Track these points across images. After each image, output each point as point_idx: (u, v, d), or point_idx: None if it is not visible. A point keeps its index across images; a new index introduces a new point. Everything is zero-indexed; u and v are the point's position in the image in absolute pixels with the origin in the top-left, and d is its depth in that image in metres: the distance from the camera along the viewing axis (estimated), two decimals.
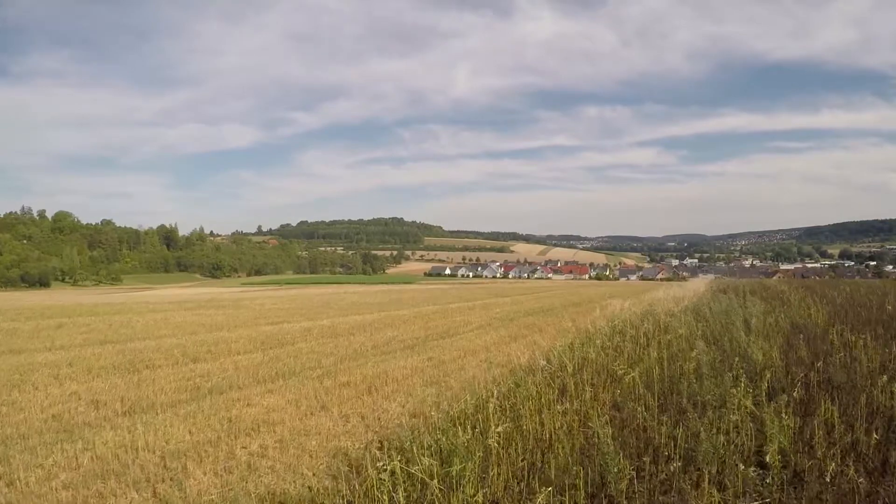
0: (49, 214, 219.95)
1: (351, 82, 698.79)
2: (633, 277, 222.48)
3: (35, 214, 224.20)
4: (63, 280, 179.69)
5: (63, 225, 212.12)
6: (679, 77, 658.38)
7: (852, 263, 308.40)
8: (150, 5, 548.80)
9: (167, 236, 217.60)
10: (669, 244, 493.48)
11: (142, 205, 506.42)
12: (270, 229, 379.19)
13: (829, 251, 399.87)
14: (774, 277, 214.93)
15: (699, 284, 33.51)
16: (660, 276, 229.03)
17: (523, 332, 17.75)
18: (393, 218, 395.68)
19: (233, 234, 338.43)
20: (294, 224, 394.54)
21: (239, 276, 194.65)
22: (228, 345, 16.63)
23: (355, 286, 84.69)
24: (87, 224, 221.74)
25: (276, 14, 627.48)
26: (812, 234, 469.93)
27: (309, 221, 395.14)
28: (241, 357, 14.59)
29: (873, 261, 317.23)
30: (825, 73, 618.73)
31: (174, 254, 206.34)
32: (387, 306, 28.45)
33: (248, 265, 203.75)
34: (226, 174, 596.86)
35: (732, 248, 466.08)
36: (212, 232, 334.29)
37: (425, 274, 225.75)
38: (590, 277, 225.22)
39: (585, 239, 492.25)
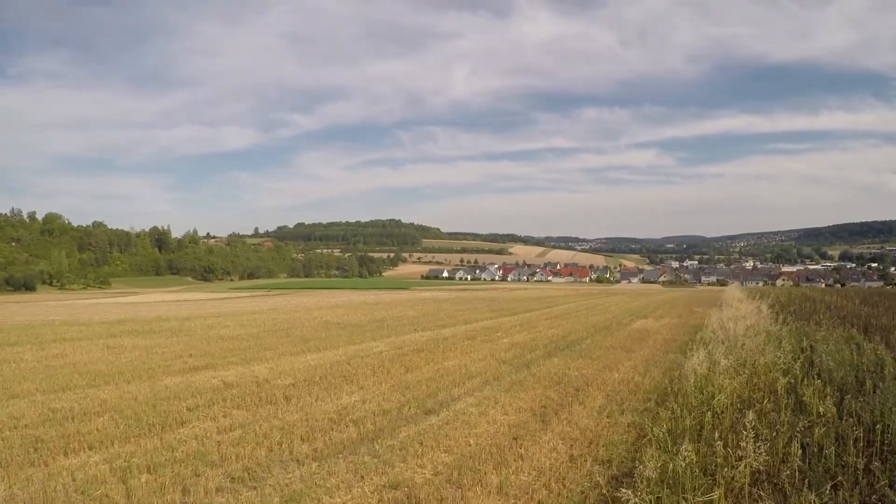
0: (47, 217, 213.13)
1: (349, 84, 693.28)
2: (635, 280, 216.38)
3: (25, 216, 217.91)
4: (50, 283, 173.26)
5: (53, 227, 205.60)
6: (678, 78, 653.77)
7: (853, 265, 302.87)
8: (148, 6, 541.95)
9: (159, 238, 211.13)
10: (668, 246, 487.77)
11: (140, 207, 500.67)
12: (267, 231, 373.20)
13: (830, 253, 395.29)
14: (778, 280, 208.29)
15: (749, 304, 27.03)
16: (661, 278, 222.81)
17: (551, 396, 11.35)
18: (391, 220, 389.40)
19: (229, 235, 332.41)
20: (291, 226, 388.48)
21: (231, 280, 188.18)
22: (83, 421, 10.28)
23: (344, 293, 78.18)
24: (79, 226, 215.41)
25: (275, 15, 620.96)
26: (811, 235, 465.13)
27: (306, 223, 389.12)
28: (69, 462, 8.22)
29: (874, 262, 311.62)
30: (824, 75, 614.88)
31: (165, 256, 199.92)
32: (361, 333, 22.05)
33: (241, 268, 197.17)
34: (224, 176, 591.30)
35: (731, 249, 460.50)
36: (208, 234, 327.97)
37: (422, 277, 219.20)
38: (590, 280, 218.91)
39: (584, 240, 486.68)
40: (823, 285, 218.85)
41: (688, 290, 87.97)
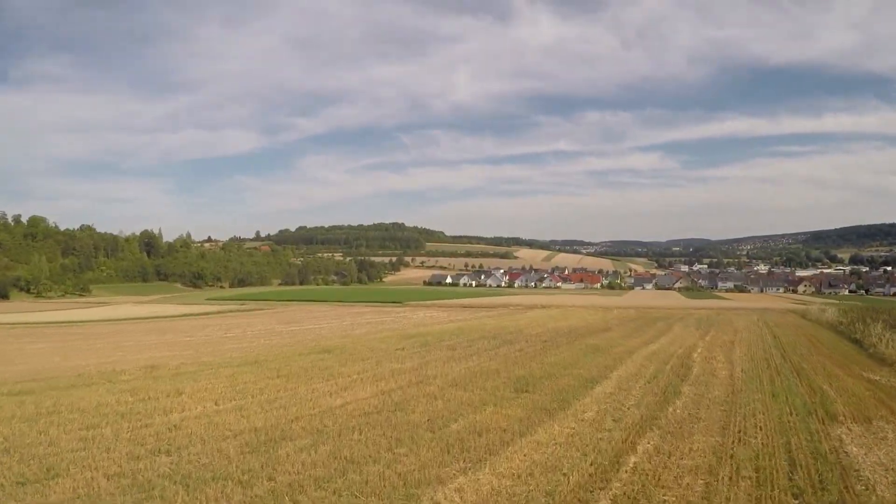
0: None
1: (352, 87, 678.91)
2: (649, 286, 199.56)
3: (10, 219, 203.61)
4: (27, 290, 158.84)
5: (36, 230, 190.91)
6: (680, 81, 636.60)
7: (866, 269, 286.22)
8: (150, 10, 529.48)
9: (148, 242, 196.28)
10: (674, 249, 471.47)
11: (143, 211, 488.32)
12: (269, 234, 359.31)
13: (839, 255, 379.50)
14: (800, 286, 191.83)
15: None
16: (677, 284, 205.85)
17: None
18: (394, 223, 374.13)
19: (230, 239, 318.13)
20: (293, 229, 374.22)
21: (221, 287, 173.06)
22: None
23: (320, 312, 62.85)
24: (66, 230, 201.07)
25: (277, 18, 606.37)
26: (818, 238, 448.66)
27: (308, 227, 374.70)
28: None
29: (888, 265, 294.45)
30: (827, 77, 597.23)
31: (154, 262, 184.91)
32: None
33: (233, 274, 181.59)
34: (227, 180, 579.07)
35: (738, 252, 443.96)
36: (209, 238, 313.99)
37: (425, 283, 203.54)
38: (601, 286, 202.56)
39: (589, 244, 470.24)
40: (846, 291, 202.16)
41: (741, 310, 70.97)
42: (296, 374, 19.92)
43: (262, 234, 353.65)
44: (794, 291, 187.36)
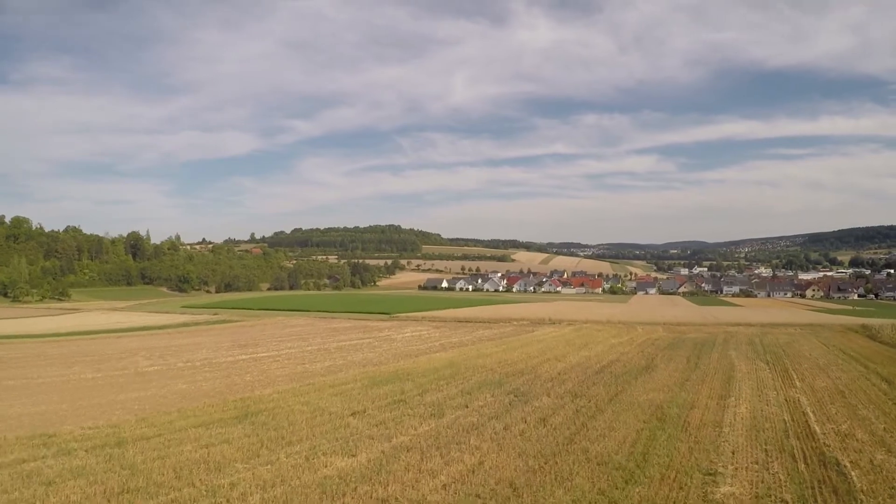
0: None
1: (349, 90, 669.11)
2: (652, 291, 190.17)
3: None
4: (5, 295, 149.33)
5: (19, 232, 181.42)
6: (677, 84, 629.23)
7: (868, 272, 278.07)
8: (149, 13, 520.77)
9: (134, 245, 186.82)
10: (672, 251, 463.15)
11: (142, 212, 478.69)
12: (264, 236, 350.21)
13: (839, 258, 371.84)
14: (808, 290, 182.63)
15: None
16: (681, 289, 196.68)
17: None
18: (390, 225, 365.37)
19: (224, 241, 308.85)
20: (288, 231, 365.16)
21: (207, 291, 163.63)
22: None
23: (293, 325, 53.63)
24: (51, 231, 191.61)
25: (275, 21, 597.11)
26: (816, 240, 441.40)
27: (303, 229, 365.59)
28: None
29: (890, 268, 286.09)
30: (823, 80, 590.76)
31: (139, 265, 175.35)
32: None
33: (220, 278, 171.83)
34: (225, 181, 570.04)
35: (736, 255, 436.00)
36: (203, 239, 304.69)
37: (419, 287, 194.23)
38: (603, 290, 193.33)
39: (586, 246, 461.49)
40: (856, 296, 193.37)
41: (785, 326, 59.83)
42: (156, 486, 11.00)
43: (259, 237, 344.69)
44: (803, 296, 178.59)
